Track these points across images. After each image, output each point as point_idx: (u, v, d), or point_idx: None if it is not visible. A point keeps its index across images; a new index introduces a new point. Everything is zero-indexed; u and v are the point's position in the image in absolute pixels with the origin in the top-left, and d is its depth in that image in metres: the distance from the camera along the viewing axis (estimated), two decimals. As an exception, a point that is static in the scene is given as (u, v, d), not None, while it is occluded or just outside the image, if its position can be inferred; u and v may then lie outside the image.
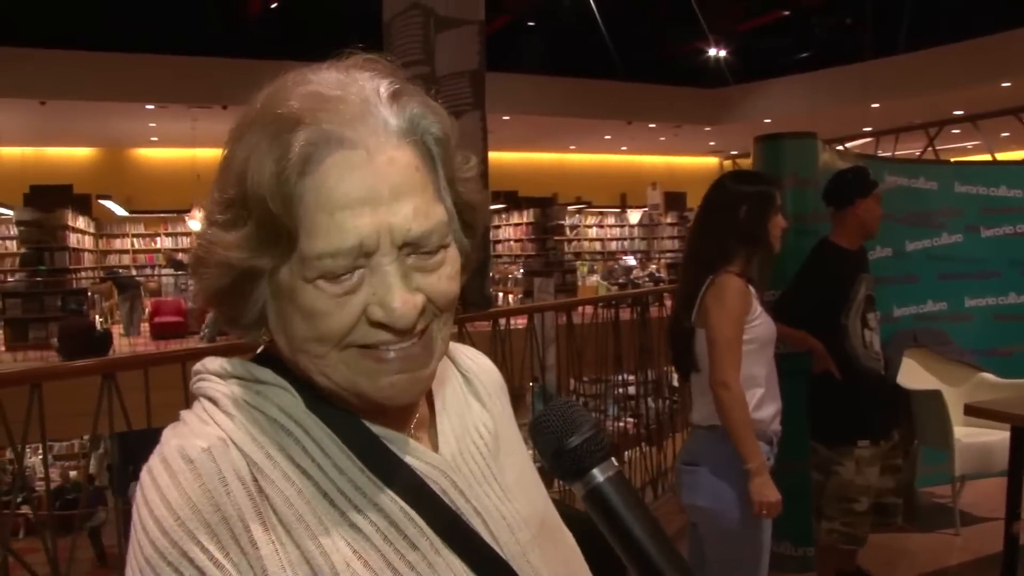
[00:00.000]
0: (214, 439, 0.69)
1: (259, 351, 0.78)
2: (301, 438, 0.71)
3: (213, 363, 0.75)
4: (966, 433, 4.13)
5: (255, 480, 0.68)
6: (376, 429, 0.75)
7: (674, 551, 0.67)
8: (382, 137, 0.68)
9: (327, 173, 0.66)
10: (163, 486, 0.66)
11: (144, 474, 0.68)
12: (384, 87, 0.70)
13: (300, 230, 0.66)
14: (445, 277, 0.71)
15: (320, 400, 0.73)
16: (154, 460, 0.69)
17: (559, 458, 0.69)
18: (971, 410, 3.25)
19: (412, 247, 0.68)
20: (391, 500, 0.71)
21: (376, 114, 0.69)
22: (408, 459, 0.74)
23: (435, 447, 0.79)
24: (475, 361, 0.92)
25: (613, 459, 0.70)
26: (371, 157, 0.67)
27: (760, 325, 2.50)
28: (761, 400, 2.50)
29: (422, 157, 0.71)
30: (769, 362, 2.56)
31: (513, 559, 0.76)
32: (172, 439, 0.69)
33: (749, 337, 2.46)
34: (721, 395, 2.38)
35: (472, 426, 0.84)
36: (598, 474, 0.68)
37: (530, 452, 0.87)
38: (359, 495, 0.71)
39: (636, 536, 0.66)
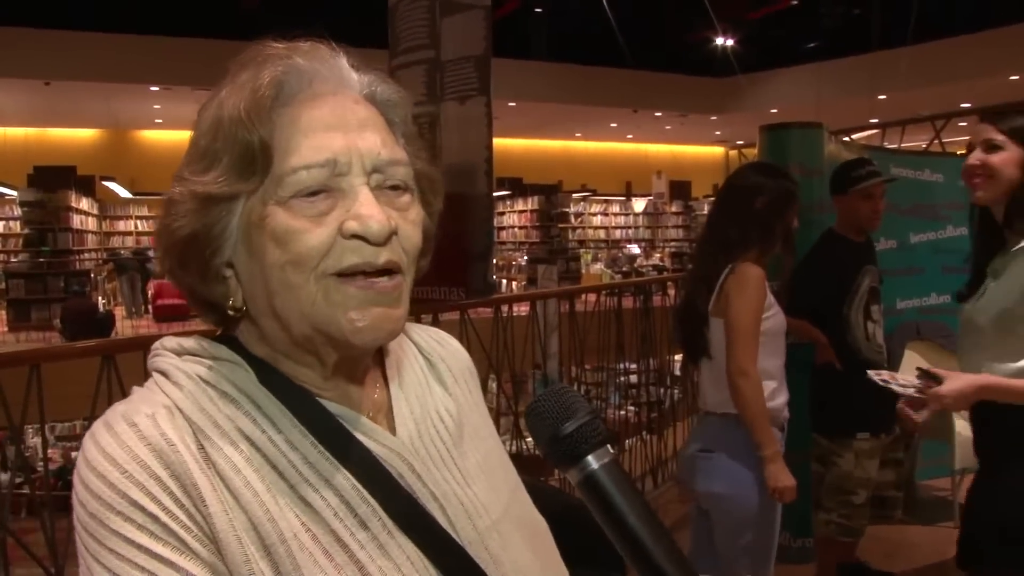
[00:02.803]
0: (159, 406, 0.69)
1: (217, 335, 0.78)
2: (252, 412, 0.71)
3: (170, 341, 0.76)
4: (967, 426, 4.09)
5: (201, 447, 0.67)
6: (332, 407, 0.74)
7: (669, 539, 0.66)
8: (347, 85, 0.75)
9: (300, 104, 0.71)
10: (105, 446, 0.65)
11: (86, 439, 0.67)
12: (343, 58, 0.76)
13: (274, 152, 0.68)
14: (411, 221, 0.73)
15: (276, 375, 0.73)
16: (96, 426, 0.68)
17: (554, 444, 0.68)
18: (973, 403, 3.23)
19: (381, 175, 0.71)
20: (344, 478, 0.70)
21: (342, 67, 0.76)
22: (364, 440, 0.74)
23: (393, 431, 0.78)
24: (443, 345, 0.92)
25: (609, 446, 0.69)
26: (339, 94, 0.73)
27: (774, 316, 2.51)
28: (775, 390, 2.51)
29: (380, 114, 0.76)
30: (781, 353, 2.58)
31: (470, 545, 0.75)
32: (118, 407, 0.69)
33: (763, 328, 2.46)
34: (740, 383, 2.39)
35: (433, 410, 0.83)
36: (593, 461, 0.67)
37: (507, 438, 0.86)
38: (311, 470, 0.70)
39: (630, 524, 0.65)
